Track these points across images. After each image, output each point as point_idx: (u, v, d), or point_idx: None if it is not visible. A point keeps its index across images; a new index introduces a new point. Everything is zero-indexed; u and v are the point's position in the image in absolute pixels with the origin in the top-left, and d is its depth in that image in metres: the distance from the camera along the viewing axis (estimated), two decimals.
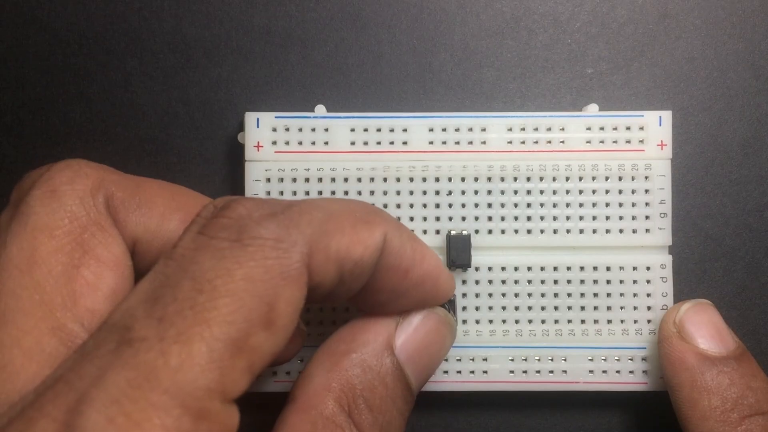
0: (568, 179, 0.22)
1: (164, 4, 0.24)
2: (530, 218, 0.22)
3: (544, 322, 0.22)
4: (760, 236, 0.24)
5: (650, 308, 0.22)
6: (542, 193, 0.22)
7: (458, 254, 0.22)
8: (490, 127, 0.22)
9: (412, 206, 0.22)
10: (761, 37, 0.24)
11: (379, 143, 0.22)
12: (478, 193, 0.22)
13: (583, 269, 0.22)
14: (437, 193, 0.22)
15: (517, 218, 0.22)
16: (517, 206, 0.22)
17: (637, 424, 0.24)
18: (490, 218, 0.22)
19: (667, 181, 0.22)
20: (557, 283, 0.22)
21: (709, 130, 0.24)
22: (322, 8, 0.24)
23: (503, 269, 0.22)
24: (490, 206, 0.22)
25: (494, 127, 0.22)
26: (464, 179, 0.22)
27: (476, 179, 0.22)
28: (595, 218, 0.22)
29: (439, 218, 0.22)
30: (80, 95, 0.24)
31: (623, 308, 0.22)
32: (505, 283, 0.22)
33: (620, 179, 0.22)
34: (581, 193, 0.22)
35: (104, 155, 0.24)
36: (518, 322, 0.22)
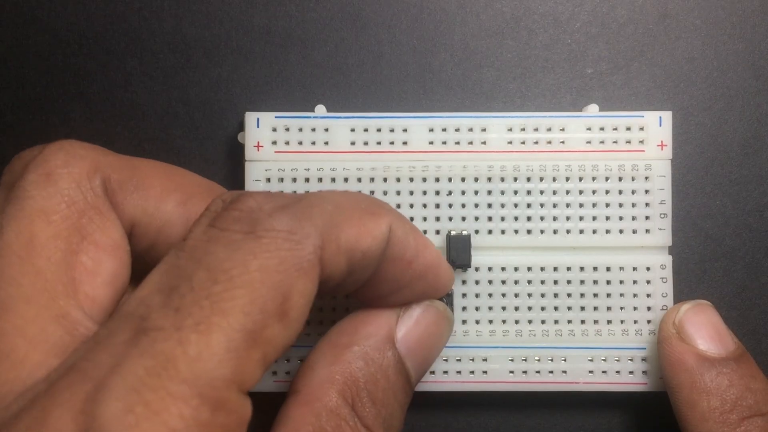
0: (568, 179, 0.22)
1: (164, 4, 0.24)
2: (530, 218, 0.22)
3: (544, 322, 0.22)
4: (760, 236, 0.24)
5: (650, 308, 0.22)
6: (542, 193, 0.22)
7: (458, 254, 0.22)
8: (490, 127, 0.22)
9: (412, 206, 0.22)
10: (761, 37, 0.24)
11: (379, 143, 0.22)
12: (478, 193, 0.22)
13: (583, 269, 0.22)
14: (437, 193, 0.22)
15: (517, 218, 0.22)
16: (517, 206, 0.22)
17: (636, 424, 0.24)
18: (490, 218, 0.22)
19: (667, 181, 0.22)
20: (557, 283, 0.22)
21: (709, 130, 0.24)
22: (322, 8, 0.24)
23: (503, 269, 0.22)
24: (490, 206, 0.22)
25: (494, 127, 0.22)
26: (464, 179, 0.22)
27: (476, 179, 0.22)
28: (595, 218, 0.22)
29: (439, 218, 0.22)
30: (80, 95, 0.24)
31: (623, 308, 0.22)
32: (505, 283, 0.22)
33: (620, 179, 0.22)
34: (581, 193, 0.22)
35: None
36: (518, 322, 0.22)
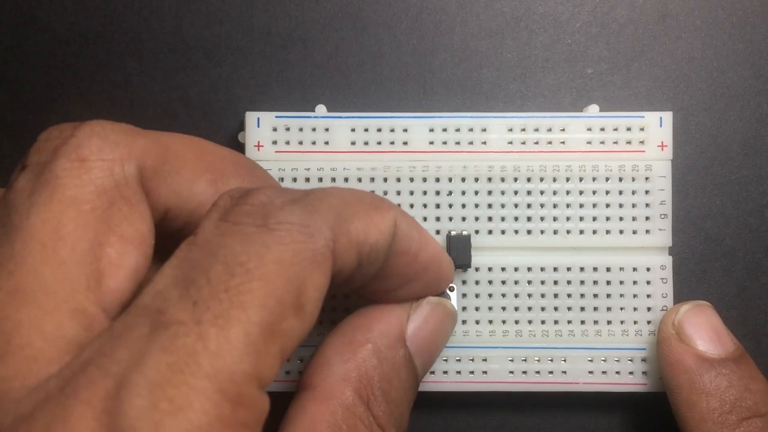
0: (568, 180, 0.22)
1: (164, 4, 0.24)
2: (530, 219, 0.22)
3: (543, 322, 0.22)
4: (760, 236, 0.24)
5: (650, 309, 0.22)
6: (542, 193, 0.22)
7: (458, 254, 0.22)
8: (490, 127, 0.22)
9: (412, 206, 0.22)
10: (761, 37, 0.24)
11: (379, 143, 0.22)
12: (478, 193, 0.22)
13: (583, 270, 0.22)
14: (437, 193, 0.22)
15: (517, 219, 0.22)
16: (517, 207, 0.22)
17: (636, 425, 0.24)
18: (490, 218, 0.22)
19: (667, 182, 0.22)
20: (557, 283, 0.22)
21: (709, 130, 0.24)
22: (322, 8, 0.24)
23: (503, 270, 0.22)
24: (490, 206, 0.22)
25: (494, 127, 0.22)
26: (464, 179, 0.22)
27: (476, 179, 0.22)
28: (595, 219, 0.22)
29: (439, 218, 0.22)
30: (80, 95, 0.24)
31: (623, 309, 0.22)
32: (505, 283, 0.22)
33: (620, 180, 0.22)
34: (581, 193, 0.22)
35: None
36: (518, 322, 0.22)
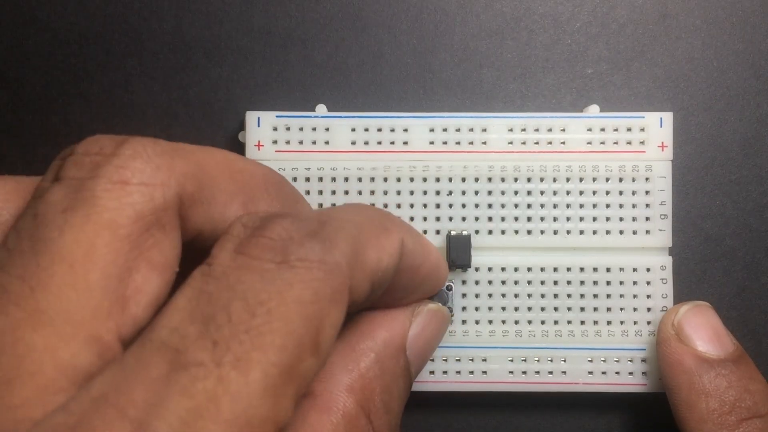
0: (568, 180, 0.22)
1: (164, 4, 0.24)
2: (530, 219, 0.22)
3: (543, 322, 0.22)
4: (760, 236, 0.24)
5: (650, 309, 0.22)
6: (542, 193, 0.22)
7: (458, 254, 0.22)
8: (490, 127, 0.22)
9: (412, 206, 0.22)
10: (761, 37, 0.24)
11: (379, 143, 0.22)
12: (478, 193, 0.22)
13: (583, 270, 0.22)
14: (437, 193, 0.22)
15: (517, 219, 0.22)
16: (517, 207, 0.22)
17: (636, 425, 0.24)
18: (490, 219, 0.22)
19: (667, 182, 0.22)
20: (557, 284, 0.22)
21: (709, 130, 0.24)
22: (322, 8, 0.24)
23: (503, 270, 0.22)
24: (490, 207, 0.22)
25: (495, 127, 0.22)
26: (465, 179, 0.22)
27: (477, 179, 0.22)
28: (595, 219, 0.22)
29: (439, 218, 0.22)
30: (80, 95, 0.24)
31: (623, 309, 0.22)
32: (504, 283, 0.22)
33: (620, 180, 0.22)
34: (581, 194, 0.22)
35: None
36: (518, 322, 0.22)
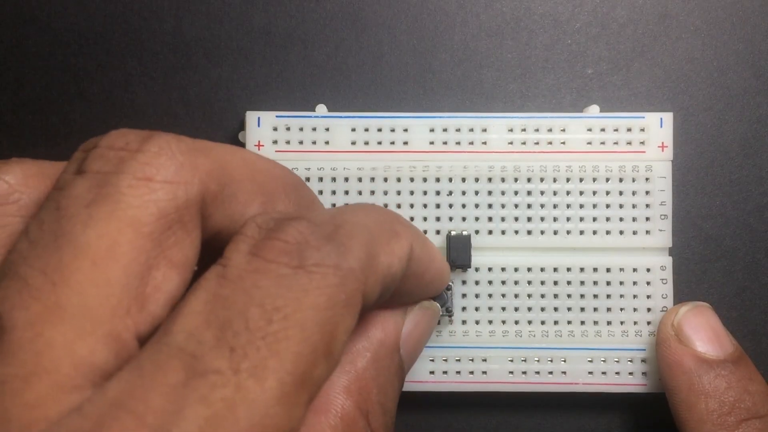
0: (568, 180, 0.22)
1: (164, 4, 0.24)
2: (530, 219, 0.22)
3: (543, 323, 0.22)
4: (760, 237, 0.24)
5: (650, 310, 0.22)
6: (543, 194, 0.22)
7: (458, 254, 0.22)
8: (490, 127, 0.22)
9: (412, 206, 0.22)
10: (761, 37, 0.24)
11: (379, 143, 0.22)
12: (478, 193, 0.22)
13: (583, 270, 0.22)
14: (438, 193, 0.22)
15: (517, 219, 0.22)
16: (517, 207, 0.22)
17: (636, 425, 0.24)
18: (490, 219, 0.22)
19: (667, 182, 0.22)
20: (557, 284, 0.22)
21: (709, 130, 0.24)
22: (322, 8, 0.24)
23: (503, 270, 0.22)
24: (490, 207, 0.22)
25: (495, 127, 0.22)
26: (465, 179, 0.22)
27: (477, 180, 0.22)
28: (595, 219, 0.22)
29: (439, 218, 0.22)
30: (80, 95, 0.24)
31: (623, 310, 0.22)
32: (504, 283, 0.22)
33: (621, 180, 0.22)
34: (581, 194, 0.22)
35: None
36: (518, 322, 0.22)
